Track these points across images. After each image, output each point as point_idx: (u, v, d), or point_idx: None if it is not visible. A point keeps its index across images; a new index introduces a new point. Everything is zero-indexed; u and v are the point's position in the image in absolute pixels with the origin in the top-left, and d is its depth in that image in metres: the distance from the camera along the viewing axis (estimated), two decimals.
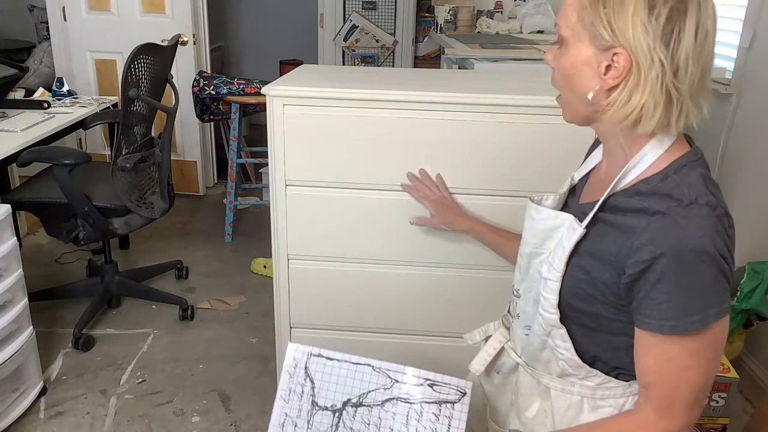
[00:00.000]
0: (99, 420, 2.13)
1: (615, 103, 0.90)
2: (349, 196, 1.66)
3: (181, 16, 3.78)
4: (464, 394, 1.08)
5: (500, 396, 1.19)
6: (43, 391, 2.22)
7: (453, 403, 1.07)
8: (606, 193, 0.95)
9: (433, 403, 1.07)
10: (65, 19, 3.84)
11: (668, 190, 0.89)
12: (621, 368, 1.01)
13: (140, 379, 2.34)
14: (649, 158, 0.93)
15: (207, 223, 3.77)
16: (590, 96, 0.92)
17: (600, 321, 0.98)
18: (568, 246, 0.97)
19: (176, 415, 2.16)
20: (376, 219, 1.67)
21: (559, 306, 0.99)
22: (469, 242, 1.66)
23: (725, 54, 2.60)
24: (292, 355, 1.15)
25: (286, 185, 1.66)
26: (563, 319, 1.00)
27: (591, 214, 0.96)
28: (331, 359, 1.14)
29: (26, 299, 2.09)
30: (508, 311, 1.21)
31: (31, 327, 2.12)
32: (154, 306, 2.82)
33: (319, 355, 1.15)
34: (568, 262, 0.98)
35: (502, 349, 1.18)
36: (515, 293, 1.13)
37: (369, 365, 1.12)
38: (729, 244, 0.87)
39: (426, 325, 1.78)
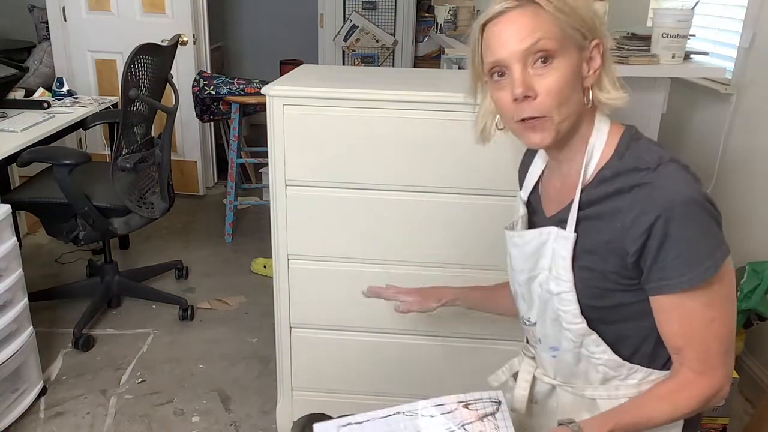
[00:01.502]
0: (99, 420, 2.13)
1: (603, 92, 0.96)
2: (349, 196, 1.66)
3: (181, 16, 3.78)
4: (499, 402, 1.06)
5: (543, 425, 1.17)
6: (43, 391, 2.22)
7: (493, 414, 1.05)
8: (578, 190, 0.97)
9: (475, 421, 1.04)
10: (65, 19, 3.84)
11: (631, 164, 0.93)
12: (658, 355, 1.01)
13: (140, 379, 2.34)
14: (598, 147, 0.97)
15: (207, 223, 3.77)
16: (591, 95, 0.95)
17: (623, 311, 0.98)
18: (567, 254, 0.98)
19: (176, 415, 2.16)
20: (376, 219, 1.67)
21: (582, 313, 1.00)
22: (468, 243, 1.66)
23: (725, 54, 2.60)
24: None
25: (286, 185, 1.66)
26: (590, 325, 1.00)
27: (573, 216, 0.98)
28: (360, 422, 1.08)
29: (26, 299, 2.09)
30: (527, 342, 1.20)
31: (31, 327, 2.12)
32: (154, 306, 2.82)
33: (347, 424, 1.09)
34: (572, 270, 0.98)
35: (534, 379, 1.17)
36: (527, 322, 1.13)
37: (398, 412, 1.07)
38: (703, 188, 0.92)
39: (426, 325, 1.77)
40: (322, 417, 1.73)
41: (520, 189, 1.17)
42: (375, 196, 1.65)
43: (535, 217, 1.11)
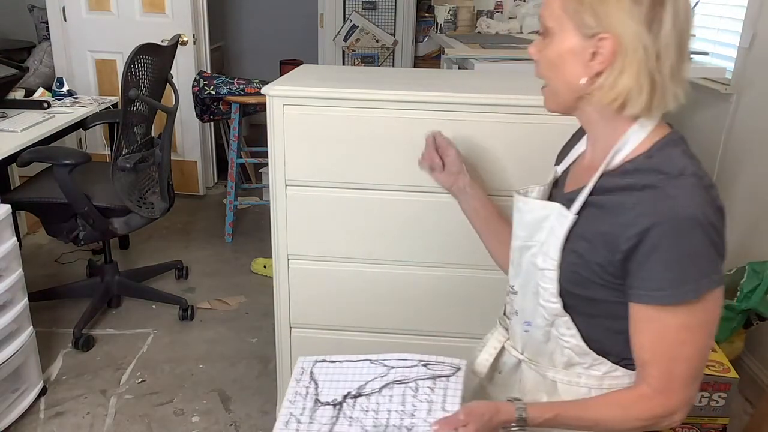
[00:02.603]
0: (99, 420, 2.13)
1: (602, 88, 0.93)
2: (349, 196, 1.66)
3: (181, 16, 3.78)
4: (458, 368, 1.11)
5: (503, 396, 1.18)
6: (43, 391, 2.22)
7: (447, 376, 1.10)
8: (596, 176, 0.97)
9: (427, 378, 1.10)
10: (65, 19, 3.84)
11: (654, 165, 0.92)
12: (626, 357, 1.01)
13: (140, 379, 2.34)
14: (633, 141, 0.96)
15: (207, 223, 3.77)
16: (583, 81, 0.94)
17: (600, 306, 0.98)
18: (561, 234, 0.98)
19: (176, 415, 2.16)
20: (376, 219, 1.67)
21: (560, 295, 1.00)
22: (468, 242, 1.66)
23: (725, 54, 2.60)
24: (300, 365, 1.20)
25: (286, 185, 1.66)
26: (565, 309, 1.01)
27: (582, 199, 0.97)
28: (334, 361, 1.19)
29: (26, 299, 2.09)
30: (504, 312, 1.21)
31: (31, 327, 2.12)
32: (154, 306, 2.82)
33: (323, 360, 1.20)
34: (562, 250, 0.98)
35: (503, 349, 1.18)
36: (511, 290, 1.14)
37: (367, 360, 1.18)
38: (719, 214, 0.89)
39: (426, 324, 1.78)
40: None
41: (559, 160, 1.17)
42: (375, 196, 1.65)
43: (554, 190, 1.12)
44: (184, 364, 2.43)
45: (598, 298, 0.97)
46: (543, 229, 1.02)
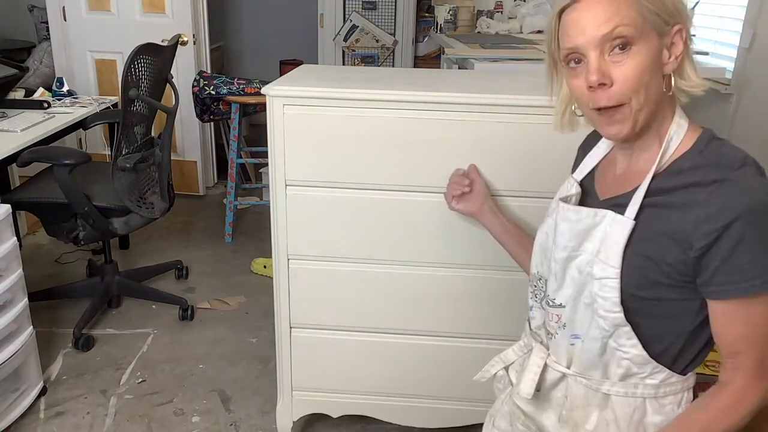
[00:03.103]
0: (99, 420, 2.13)
1: (683, 80, 0.94)
2: (349, 196, 1.66)
3: (181, 16, 3.78)
4: None
5: (542, 413, 1.15)
6: (43, 391, 2.22)
7: None
8: (647, 178, 0.95)
9: None
10: (65, 19, 3.84)
11: (713, 160, 0.92)
12: (682, 358, 1.00)
13: (140, 379, 2.34)
14: (675, 141, 0.96)
15: (207, 223, 3.77)
16: (672, 82, 0.93)
17: (663, 306, 0.97)
18: (621, 240, 0.96)
19: (176, 415, 2.16)
20: (376, 219, 1.67)
21: (622, 301, 0.97)
22: (470, 242, 1.66)
23: (725, 54, 2.60)
24: None
25: (286, 185, 1.66)
26: (626, 315, 0.98)
27: (637, 203, 0.96)
28: None
29: (26, 299, 2.09)
30: (531, 327, 1.17)
31: (31, 327, 2.12)
32: (154, 306, 2.82)
33: None
34: (623, 256, 0.96)
35: (544, 365, 1.13)
36: (551, 303, 1.08)
37: None
38: None
39: (426, 325, 1.78)
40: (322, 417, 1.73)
41: (574, 169, 1.15)
42: (375, 196, 1.65)
43: (586, 199, 1.09)
44: (184, 364, 2.43)
45: (663, 298, 0.96)
46: (593, 238, 1.00)
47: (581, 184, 1.11)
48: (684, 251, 0.91)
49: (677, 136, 0.96)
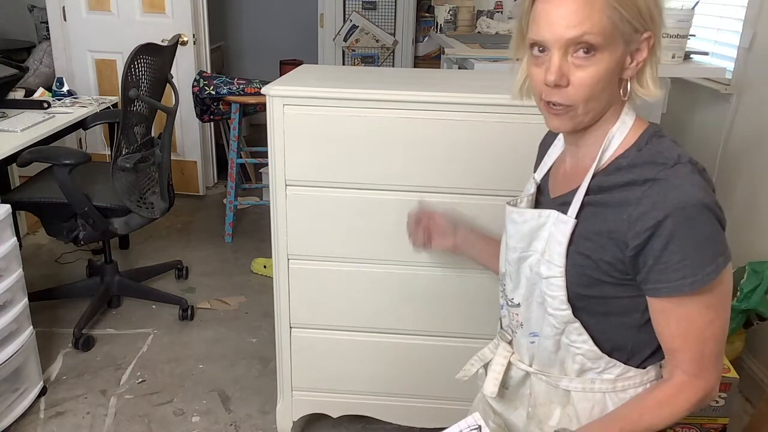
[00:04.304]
0: (99, 420, 2.13)
1: (642, 87, 0.94)
2: (349, 196, 1.66)
3: (181, 16, 3.78)
4: (479, 427, 1.07)
5: (513, 411, 1.18)
6: (43, 391, 2.22)
7: None
8: (588, 176, 0.97)
9: None
10: (65, 19, 3.84)
11: (649, 157, 0.92)
12: (637, 352, 1.01)
13: (140, 379, 2.34)
14: (618, 138, 0.96)
15: (207, 223, 3.77)
16: (629, 87, 0.94)
17: (609, 304, 0.98)
18: (563, 239, 0.98)
19: (176, 415, 2.16)
20: (376, 219, 1.67)
21: (569, 299, 0.99)
22: None
23: (725, 54, 2.60)
24: None
25: (286, 185, 1.66)
26: (574, 313, 1.00)
27: (578, 202, 0.97)
28: None
29: (26, 299, 2.09)
30: (501, 326, 1.19)
31: (31, 327, 2.12)
32: (154, 306, 2.82)
33: None
34: (566, 254, 0.98)
35: (508, 364, 1.16)
36: (510, 303, 1.11)
37: None
38: (714, 193, 0.91)
39: (425, 325, 1.78)
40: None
41: (535, 168, 1.16)
42: (375, 196, 1.65)
43: (540, 198, 1.10)
44: (184, 364, 2.43)
45: (608, 296, 0.97)
46: (540, 237, 1.01)
47: (540, 183, 1.12)
48: (621, 250, 0.92)
49: (620, 133, 0.96)
